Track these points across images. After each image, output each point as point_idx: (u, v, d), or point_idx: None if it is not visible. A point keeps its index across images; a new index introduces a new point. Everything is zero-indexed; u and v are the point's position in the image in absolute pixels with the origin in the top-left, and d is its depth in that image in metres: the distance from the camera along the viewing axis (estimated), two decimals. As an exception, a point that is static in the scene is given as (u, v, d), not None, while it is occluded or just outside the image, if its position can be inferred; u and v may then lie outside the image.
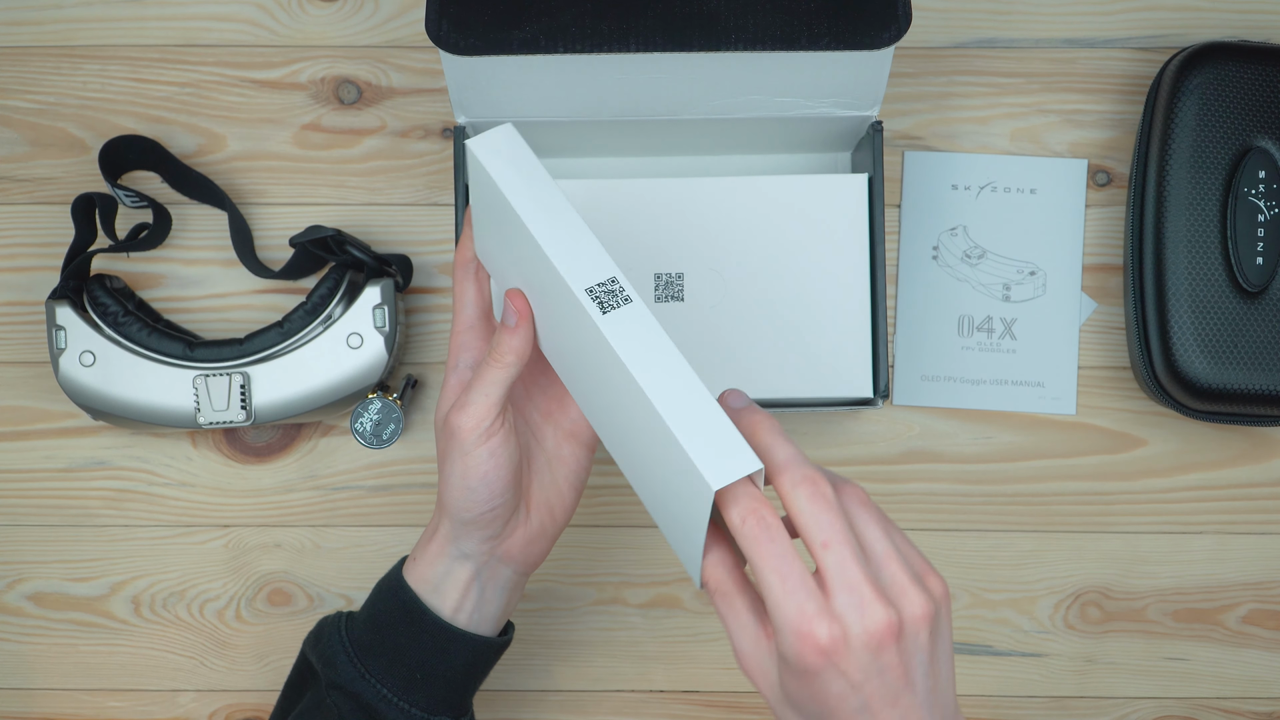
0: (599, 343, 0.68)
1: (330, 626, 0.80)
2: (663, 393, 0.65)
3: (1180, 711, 0.98)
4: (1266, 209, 0.92)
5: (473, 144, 0.72)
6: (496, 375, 0.72)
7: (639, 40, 0.77)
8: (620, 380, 0.67)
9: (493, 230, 0.74)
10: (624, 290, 0.68)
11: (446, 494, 0.75)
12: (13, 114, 0.99)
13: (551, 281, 0.70)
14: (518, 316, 0.72)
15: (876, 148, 0.89)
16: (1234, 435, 0.98)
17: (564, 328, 0.72)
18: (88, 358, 0.92)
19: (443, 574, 0.77)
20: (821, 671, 0.60)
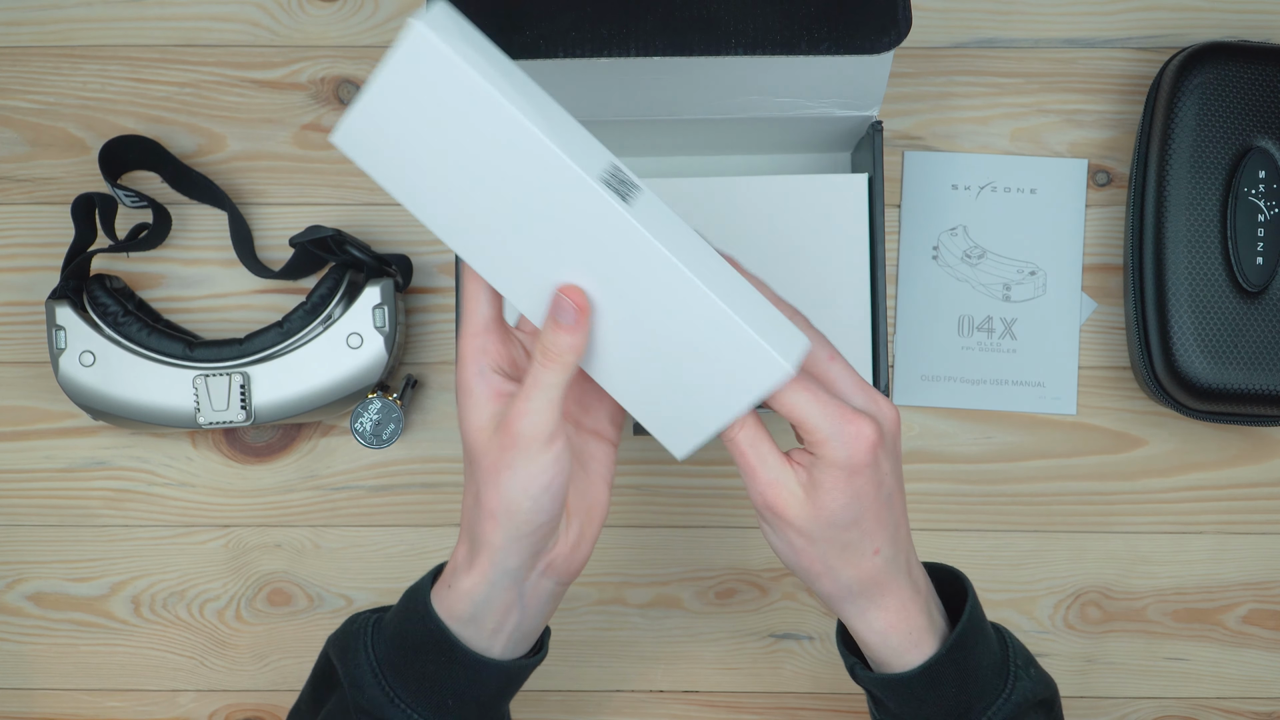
0: (621, 236, 0.64)
1: (356, 638, 0.75)
2: (710, 281, 0.65)
3: (1180, 711, 0.98)
4: (1266, 209, 0.91)
5: (419, 23, 0.61)
6: (556, 378, 0.68)
7: (639, 44, 0.77)
8: (649, 272, 0.65)
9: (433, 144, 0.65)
10: (630, 178, 0.65)
11: (502, 507, 0.69)
12: (13, 114, 0.99)
13: (546, 179, 0.64)
14: (577, 312, 0.68)
15: (876, 148, 0.89)
16: (1234, 435, 0.98)
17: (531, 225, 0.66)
18: (88, 358, 0.92)
19: (482, 602, 0.72)
20: (867, 466, 0.68)
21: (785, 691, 0.98)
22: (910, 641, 0.72)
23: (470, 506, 0.71)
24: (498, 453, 0.69)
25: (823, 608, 0.98)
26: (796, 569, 0.72)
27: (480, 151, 0.65)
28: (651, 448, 0.98)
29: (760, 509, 0.70)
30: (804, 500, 0.69)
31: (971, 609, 0.74)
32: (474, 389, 0.70)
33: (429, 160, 0.66)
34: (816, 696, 0.98)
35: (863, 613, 0.72)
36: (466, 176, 0.66)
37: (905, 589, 0.72)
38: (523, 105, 0.63)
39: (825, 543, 0.70)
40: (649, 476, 0.98)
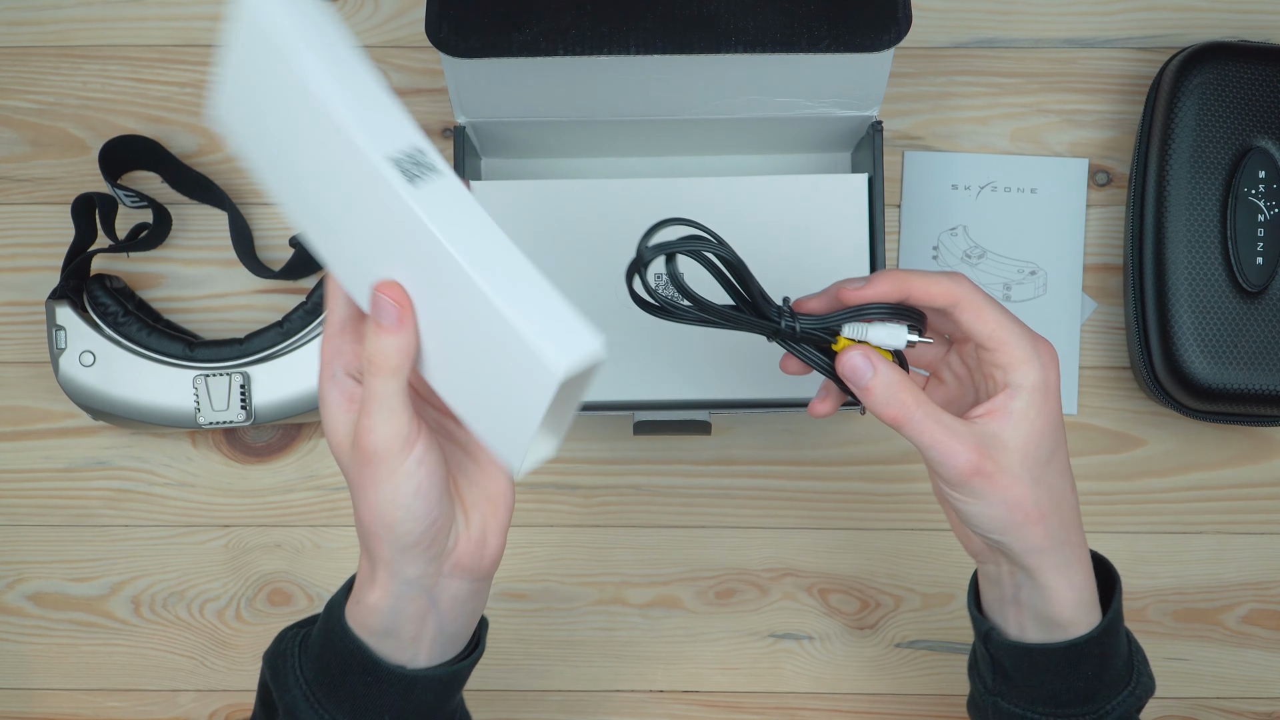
0: (404, 221, 0.59)
1: (285, 659, 0.72)
2: (488, 272, 0.58)
3: (1180, 711, 0.98)
4: (1266, 209, 0.92)
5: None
6: (389, 386, 0.63)
7: (639, 42, 0.77)
8: (434, 262, 0.59)
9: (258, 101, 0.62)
10: (429, 159, 0.60)
11: (378, 522, 0.66)
12: (13, 114, 0.99)
13: (339, 154, 0.60)
14: (397, 310, 0.63)
15: (876, 148, 0.89)
16: (1234, 435, 0.98)
17: (350, 213, 0.62)
18: (88, 358, 0.92)
19: (390, 614, 0.68)
20: (1056, 388, 0.69)
21: (785, 691, 0.98)
22: (1093, 600, 0.71)
23: (356, 521, 0.68)
24: (358, 469, 0.65)
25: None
26: (1007, 526, 0.69)
27: (295, 126, 0.61)
28: (651, 447, 0.98)
29: (966, 477, 0.68)
30: (1003, 444, 0.68)
31: (1119, 596, 0.73)
32: (328, 397, 0.67)
33: (267, 139, 0.63)
34: (816, 696, 0.98)
35: (1068, 565, 0.70)
36: (294, 156, 0.62)
37: (1085, 547, 0.72)
38: (325, 74, 0.59)
39: (1035, 484, 0.68)
40: (649, 476, 0.98)
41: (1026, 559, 0.70)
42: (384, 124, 0.60)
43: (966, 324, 0.69)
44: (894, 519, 0.98)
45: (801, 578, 0.98)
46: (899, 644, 0.98)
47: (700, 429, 0.88)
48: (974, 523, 0.69)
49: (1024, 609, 0.73)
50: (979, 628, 0.75)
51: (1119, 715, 0.73)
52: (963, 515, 0.70)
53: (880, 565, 0.98)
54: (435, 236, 0.58)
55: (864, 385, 0.69)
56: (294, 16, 0.59)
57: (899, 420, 0.68)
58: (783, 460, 0.98)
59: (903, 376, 0.68)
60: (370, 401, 0.63)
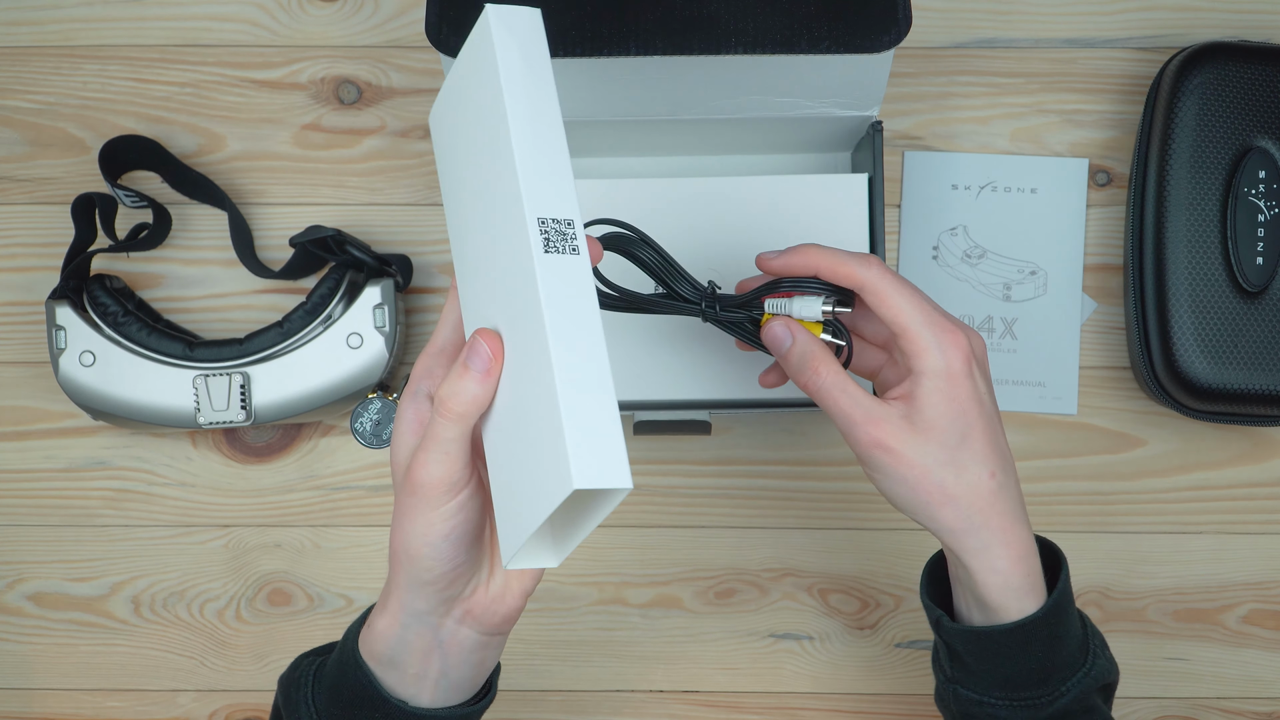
0: (523, 278, 0.61)
1: (300, 688, 0.73)
2: (568, 362, 0.59)
3: (1180, 711, 0.98)
4: (1266, 209, 0.91)
5: (492, 11, 0.64)
6: (454, 432, 0.64)
7: (639, 43, 0.77)
8: (530, 328, 0.61)
9: (462, 109, 0.67)
10: (576, 238, 0.62)
11: (404, 551, 0.66)
12: (13, 114, 0.99)
13: (503, 194, 0.62)
14: (489, 362, 0.63)
15: (876, 148, 0.89)
16: (1234, 435, 0.98)
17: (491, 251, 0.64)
18: (88, 358, 0.92)
19: (396, 644, 0.69)
20: (964, 375, 0.70)
21: (785, 691, 0.98)
22: (1028, 585, 0.72)
23: (390, 538, 0.68)
24: (403, 494, 0.66)
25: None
26: (915, 506, 0.71)
27: (482, 153, 0.64)
28: (651, 447, 0.98)
29: (868, 449, 0.70)
30: (910, 424, 0.70)
31: (1066, 577, 0.74)
32: (404, 413, 0.68)
33: (459, 153, 0.66)
34: (816, 696, 0.98)
35: (986, 549, 0.71)
36: (472, 177, 0.66)
37: (1023, 527, 0.73)
38: (521, 117, 0.63)
39: (940, 466, 0.70)
40: (649, 476, 0.98)
41: (945, 539, 0.72)
42: (552, 186, 0.62)
43: (874, 307, 0.71)
44: (894, 519, 0.98)
45: (801, 578, 0.98)
46: (899, 644, 0.98)
47: (700, 429, 0.88)
48: (889, 500, 0.72)
49: (965, 589, 0.74)
50: (930, 615, 0.76)
51: (1074, 695, 0.73)
52: (879, 490, 0.72)
53: (880, 565, 0.98)
54: (540, 305, 0.60)
55: (782, 353, 0.73)
56: (518, 54, 0.64)
57: (808, 386, 0.71)
58: (783, 460, 0.98)
59: (820, 347, 0.72)
60: (431, 439, 0.64)
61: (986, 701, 0.74)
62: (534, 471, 0.61)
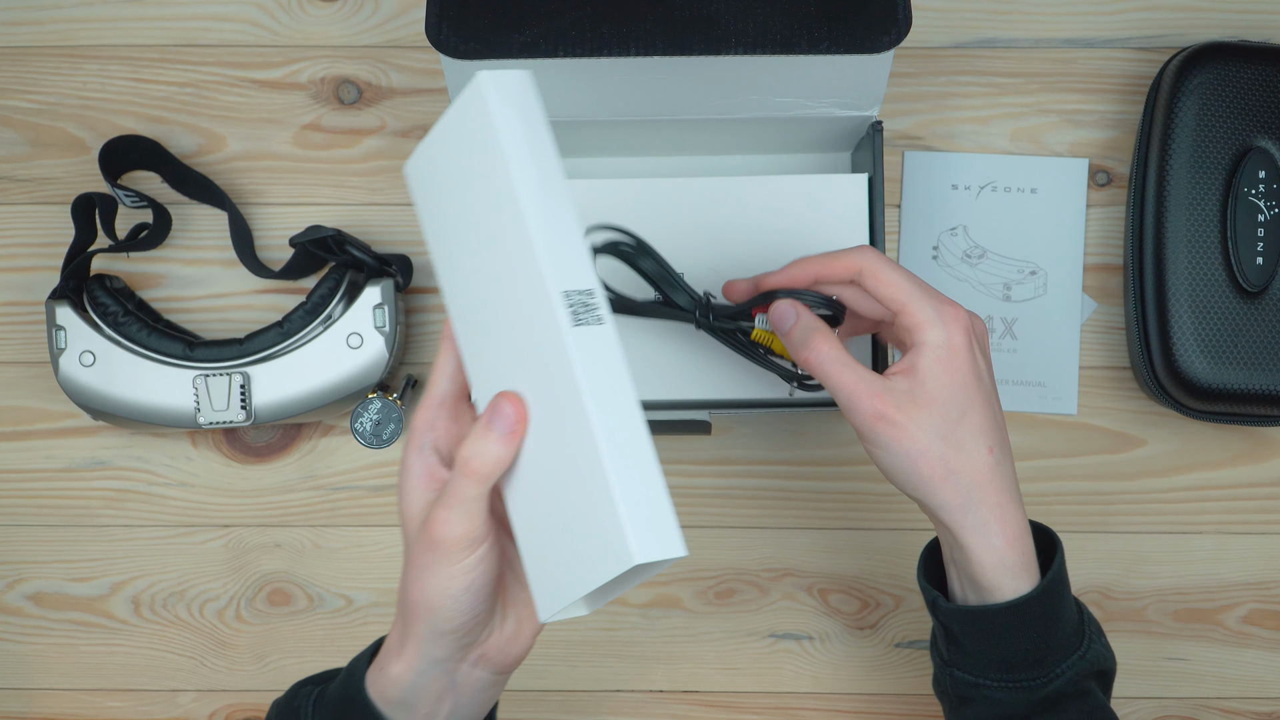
0: (555, 356, 0.61)
1: (296, 713, 0.73)
2: (611, 436, 0.60)
3: (1180, 711, 0.98)
4: (1266, 209, 0.91)
5: (486, 77, 0.63)
6: (476, 491, 0.64)
7: (639, 44, 0.77)
8: (564, 402, 0.61)
9: (455, 171, 0.66)
10: (599, 308, 0.63)
11: (423, 603, 0.67)
12: (13, 114, 0.99)
13: (520, 265, 0.62)
14: (514, 425, 0.64)
15: (876, 148, 0.89)
16: (1234, 435, 0.98)
17: (504, 315, 0.64)
18: (88, 358, 0.92)
19: (410, 687, 0.69)
20: (964, 349, 0.71)
21: (785, 691, 0.98)
22: (1022, 565, 0.72)
23: (401, 588, 0.69)
24: (421, 551, 0.66)
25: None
26: (915, 480, 0.71)
27: (485, 216, 0.64)
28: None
29: (870, 421, 0.71)
30: (911, 397, 0.70)
31: (1061, 558, 0.74)
32: (411, 466, 0.68)
33: (452, 210, 0.66)
34: (816, 696, 0.98)
35: (984, 525, 0.72)
36: (471, 236, 0.66)
37: (1018, 507, 0.73)
38: (532, 188, 0.63)
39: (940, 440, 0.70)
40: (649, 476, 0.98)
41: (941, 516, 0.72)
42: (569, 258, 0.62)
43: (872, 290, 0.72)
44: (894, 519, 0.98)
45: (801, 578, 0.98)
46: (899, 644, 0.98)
47: (700, 429, 0.88)
48: (888, 476, 0.72)
49: (960, 570, 0.74)
50: (927, 596, 0.76)
51: (1069, 678, 0.73)
52: (879, 468, 0.72)
53: (880, 565, 0.98)
54: (577, 383, 0.60)
55: (785, 330, 0.74)
56: (519, 120, 0.63)
57: (810, 362, 0.72)
58: (783, 460, 0.98)
59: (821, 325, 0.73)
60: (452, 498, 0.65)
61: (982, 683, 0.74)
62: (579, 538, 0.62)
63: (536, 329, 0.63)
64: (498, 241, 0.64)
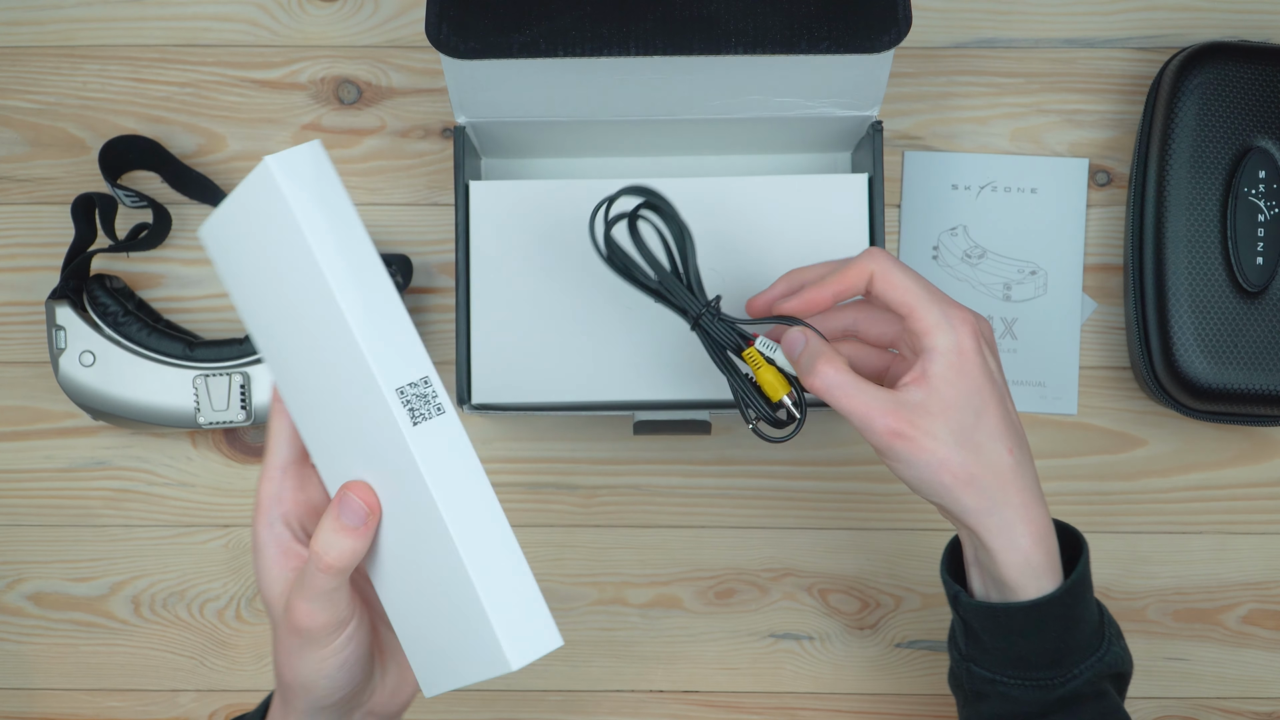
0: (399, 456, 0.60)
1: None
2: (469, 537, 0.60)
3: (1180, 711, 0.98)
4: (1266, 209, 0.91)
5: (274, 161, 0.60)
6: (333, 583, 0.63)
7: (639, 44, 0.77)
8: (416, 501, 0.61)
9: (256, 249, 0.63)
10: (436, 395, 0.61)
11: (298, 683, 0.66)
12: (13, 114, 0.99)
13: (345, 359, 0.60)
14: (365, 516, 0.64)
15: (876, 148, 0.89)
16: (1234, 435, 0.98)
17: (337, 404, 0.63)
18: (88, 358, 0.92)
19: None
20: (974, 351, 0.70)
21: (785, 691, 0.98)
22: (1047, 565, 0.72)
23: (276, 665, 0.68)
24: (285, 636, 0.66)
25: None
26: (937, 489, 0.71)
27: (299, 302, 0.62)
28: (651, 447, 0.98)
29: (889, 441, 0.70)
30: (925, 408, 0.70)
31: (1086, 559, 0.74)
32: (264, 545, 0.67)
33: (261, 286, 0.64)
34: (816, 696, 0.98)
35: (1009, 526, 0.71)
36: (287, 317, 0.63)
37: (1042, 506, 0.73)
38: (344, 280, 0.60)
39: (959, 446, 0.70)
40: (649, 476, 0.98)
41: (966, 520, 0.72)
42: (396, 349, 0.60)
43: (881, 294, 0.72)
44: (894, 519, 0.98)
45: (801, 578, 0.98)
46: (899, 644, 0.98)
47: (700, 429, 0.88)
48: (911, 487, 0.72)
49: (983, 570, 0.74)
50: (949, 590, 0.76)
51: (1087, 679, 0.73)
52: (900, 479, 0.72)
53: (880, 565, 0.98)
54: (426, 485, 0.60)
55: (794, 356, 0.73)
56: (316, 203, 0.60)
57: (821, 389, 0.71)
58: (783, 460, 0.98)
59: (830, 350, 0.72)
60: (310, 589, 0.64)
61: (999, 680, 0.74)
62: (454, 635, 0.63)
63: (373, 425, 0.61)
64: (317, 330, 0.62)
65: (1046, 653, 0.73)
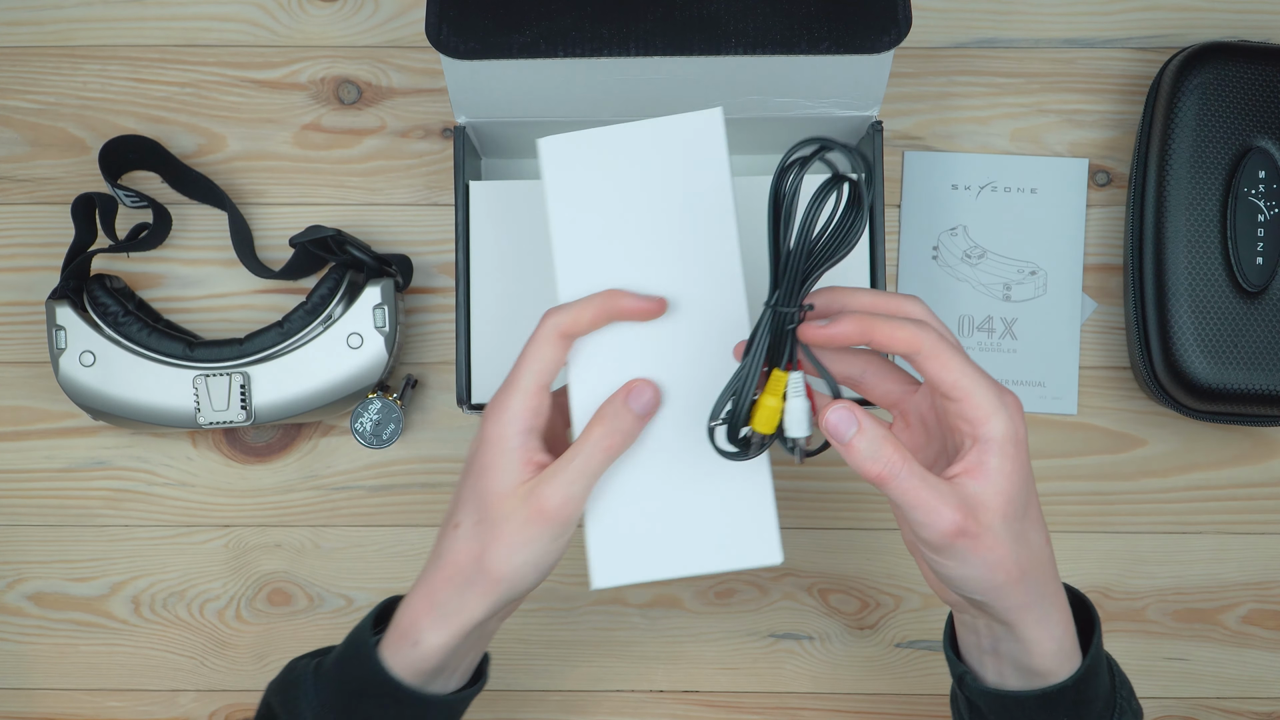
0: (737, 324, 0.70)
1: (297, 685, 0.75)
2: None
3: (1180, 711, 0.98)
4: (1266, 209, 0.91)
5: (718, 114, 0.70)
6: (603, 465, 0.68)
7: (639, 44, 0.77)
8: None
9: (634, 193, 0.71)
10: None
11: (510, 575, 0.69)
12: (13, 114, 0.99)
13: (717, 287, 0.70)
14: (650, 407, 0.68)
15: (876, 148, 0.89)
16: (1234, 435, 0.98)
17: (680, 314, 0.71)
18: (88, 358, 0.92)
19: (451, 653, 0.72)
20: (1024, 439, 0.66)
21: (785, 691, 0.98)
22: (1073, 646, 0.71)
23: (467, 562, 0.70)
24: (521, 523, 0.68)
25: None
26: (989, 586, 0.67)
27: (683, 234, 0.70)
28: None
29: (950, 539, 0.65)
30: (983, 502, 0.65)
31: (1098, 639, 0.72)
32: (514, 448, 0.69)
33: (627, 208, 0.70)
34: (816, 696, 0.98)
35: (1046, 617, 0.69)
36: (653, 245, 0.70)
37: (1062, 590, 0.71)
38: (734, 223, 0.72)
39: (1015, 542, 0.66)
40: (649, 476, 0.98)
41: (1008, 616, 0.69)
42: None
43: (930, 372, 0.66)
44: (894, 519, 0.98)
45: (801, 578, 0.98)
46: (899, 644, 0.98)
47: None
48: (954, 584, 0.68)
49: (1003, 659, 0.72)
50: (954, 670, 0.75)
51: None
52: (942, 577, 0.68)
53: (880, 565, 0.98)
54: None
55: (846, 441, 0.65)
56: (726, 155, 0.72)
57: (884, 479, 0.65)
58: (783, 460, 0.98)
59: (887, 432, 0.65)
60: (578, 473, 0.68)
61: None
62: (706, 529, 0.70)
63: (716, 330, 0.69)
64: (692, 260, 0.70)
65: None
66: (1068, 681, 0.70)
